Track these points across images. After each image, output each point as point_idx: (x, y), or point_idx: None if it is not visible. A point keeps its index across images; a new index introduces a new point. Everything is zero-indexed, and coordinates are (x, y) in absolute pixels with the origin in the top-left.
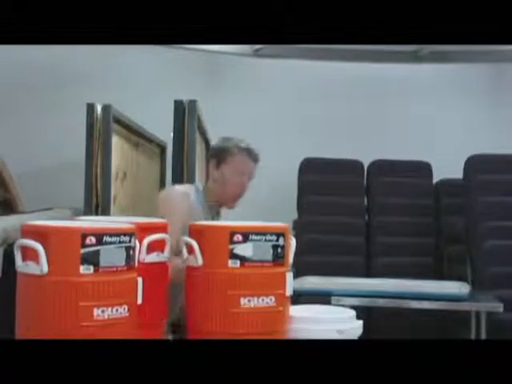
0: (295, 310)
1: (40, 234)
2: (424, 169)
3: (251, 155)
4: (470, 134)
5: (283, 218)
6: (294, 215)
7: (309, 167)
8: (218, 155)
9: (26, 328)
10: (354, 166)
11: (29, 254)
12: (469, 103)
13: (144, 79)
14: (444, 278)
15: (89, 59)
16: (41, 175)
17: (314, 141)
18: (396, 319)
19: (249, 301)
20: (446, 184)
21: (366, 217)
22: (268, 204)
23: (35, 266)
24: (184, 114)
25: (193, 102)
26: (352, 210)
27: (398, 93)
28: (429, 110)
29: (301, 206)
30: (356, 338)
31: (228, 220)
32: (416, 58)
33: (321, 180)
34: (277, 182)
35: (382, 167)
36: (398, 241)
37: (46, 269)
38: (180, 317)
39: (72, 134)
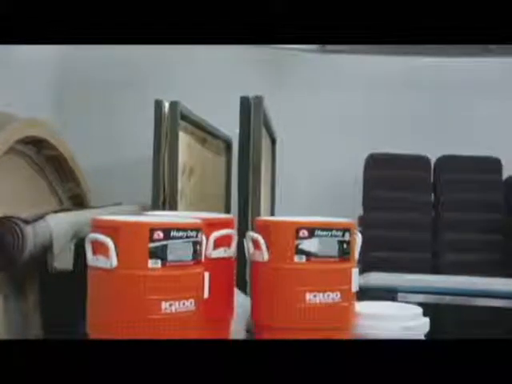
0: (360, 306)
1: (109, 229)
2: (493, 164)
3: None
4: None
5: (348, 214)
6: (360, 211)
7: (374, 162)
8: None
9: (96, 321)
10: (420, 161)
11: (99, 248)
12: None
13: (210, 75)
14: None
15: (156, 56)
16: (110, 171)
17: (380, 137)
18: (463, 318)
19: (314, 296)
20: None
21: (433, 213)
22: (332, 200)
23: (105, 259)
24: (250, 111)
25: (259, 99)
26: (418, 206)
27: (466, 87)
28: (498, 105)
29: (366, 202)
30: (422, 335)
31: (293, 216)
32: (485, 52)
33: (386, 175)
34: (342, 178)
35: (450, 162)
36: (466, 237)
37: (115, 263)
38: None
39: (140, 131)
